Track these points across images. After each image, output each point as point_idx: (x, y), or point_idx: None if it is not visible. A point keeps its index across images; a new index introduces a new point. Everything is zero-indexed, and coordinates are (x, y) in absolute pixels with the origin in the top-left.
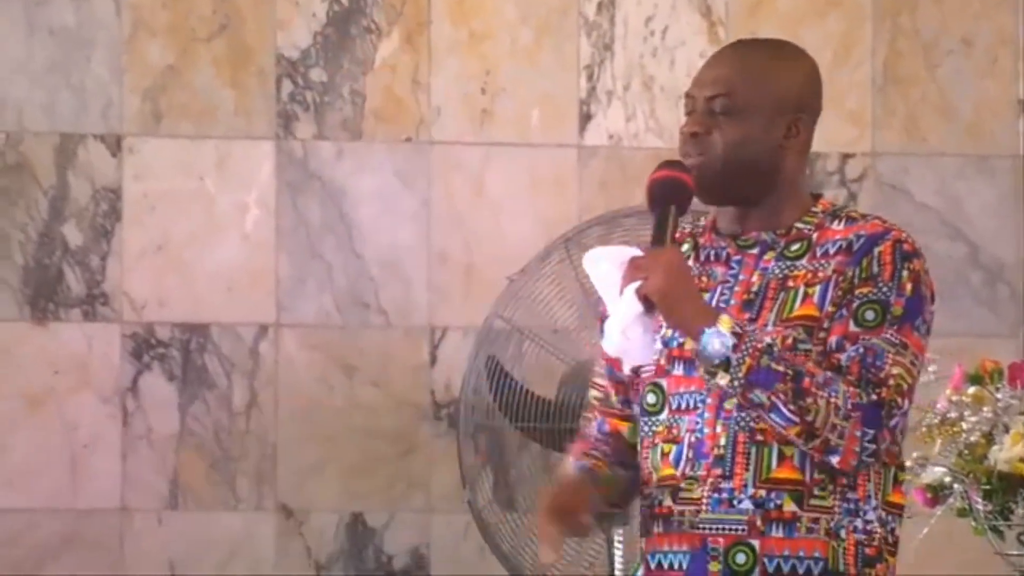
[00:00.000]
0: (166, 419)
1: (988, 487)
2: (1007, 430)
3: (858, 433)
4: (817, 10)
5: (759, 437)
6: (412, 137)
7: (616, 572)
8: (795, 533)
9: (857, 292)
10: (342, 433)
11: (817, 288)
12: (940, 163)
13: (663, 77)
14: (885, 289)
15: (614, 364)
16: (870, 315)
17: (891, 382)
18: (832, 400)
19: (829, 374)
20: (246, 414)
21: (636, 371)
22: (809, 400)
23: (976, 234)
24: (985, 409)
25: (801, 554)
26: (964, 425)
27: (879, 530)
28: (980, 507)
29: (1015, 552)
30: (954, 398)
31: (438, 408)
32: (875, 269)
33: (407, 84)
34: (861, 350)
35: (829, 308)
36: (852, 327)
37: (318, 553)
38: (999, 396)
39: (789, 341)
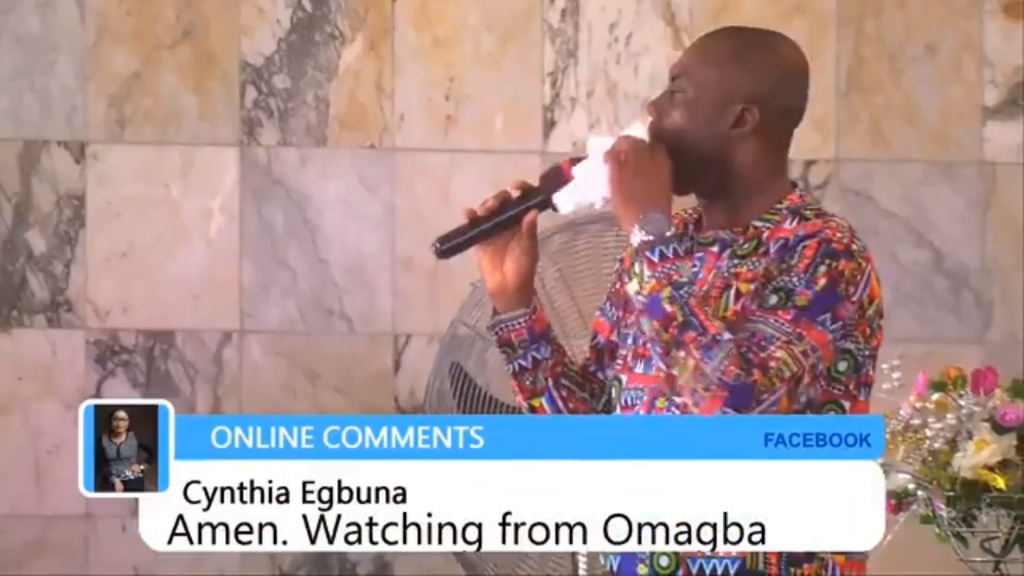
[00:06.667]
0: None
1: (951, 494)
2: (971, 437)
3: (717, 410)
4: (781, 16)
5: None
6: (376, 143)
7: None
8: None
9: (771, 283)
10: None
11: (751, 287)
12: (905, 169)
13: (627, 83)
14: (795, 280)
15: (598, 329)
16: (772, 300)
17: (772, 365)
18: (703, 367)
19: (724, 339)
20: None
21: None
22: (682, 355)
23: (941, 240)
24: (949, 416)
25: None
26: (928, 432)
27: None
28: (944, 514)
29: (978, 559)
30: (918, 405)
31: (402, 414)
32: (793, 261)
33: (371, 91)
34: (750, 333)
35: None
36: (751, 305)
37: (282, 558)
38: (963, 403)
39: None
